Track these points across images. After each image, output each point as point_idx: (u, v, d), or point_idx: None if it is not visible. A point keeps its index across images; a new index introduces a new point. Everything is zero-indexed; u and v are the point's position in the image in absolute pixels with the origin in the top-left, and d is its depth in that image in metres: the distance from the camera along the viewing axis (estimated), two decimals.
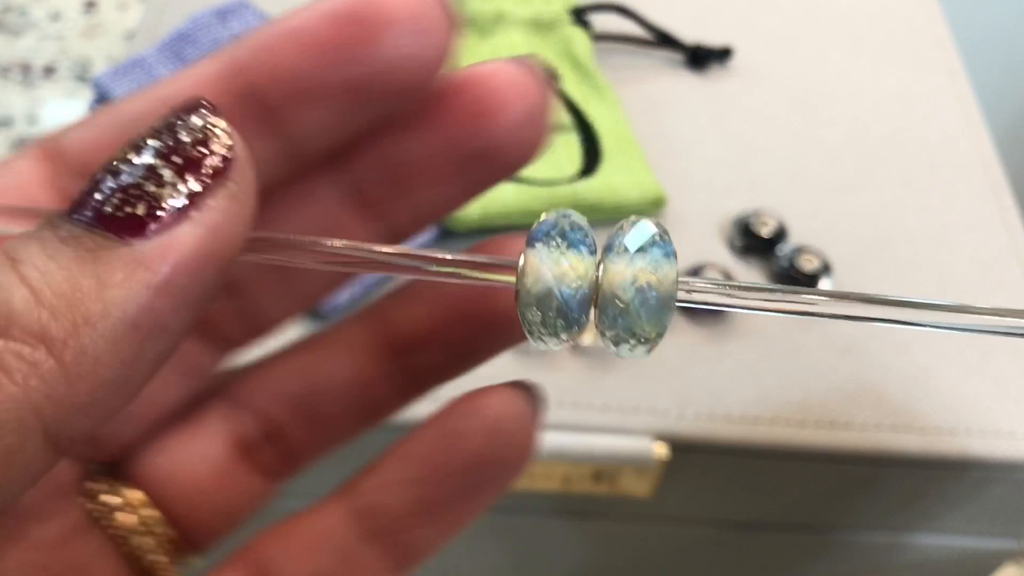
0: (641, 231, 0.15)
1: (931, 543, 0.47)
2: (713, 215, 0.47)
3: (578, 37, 0.52)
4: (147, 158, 0.13)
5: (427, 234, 0.44)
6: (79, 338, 0.12)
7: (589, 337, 0.42)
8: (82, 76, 1.19)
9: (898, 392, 0.42)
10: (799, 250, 0.44)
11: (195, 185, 0.13)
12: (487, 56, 0.51)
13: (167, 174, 0.13)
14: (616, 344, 0.15)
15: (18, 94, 1.17)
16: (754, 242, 0.45)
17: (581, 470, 0.41)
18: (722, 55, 0.54)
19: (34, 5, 1.26)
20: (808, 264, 0.44)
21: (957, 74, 0.56)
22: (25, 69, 1.19)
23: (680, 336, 0.43)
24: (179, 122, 0.13)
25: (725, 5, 0.58)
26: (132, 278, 0.12)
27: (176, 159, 0.13)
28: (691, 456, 0.41)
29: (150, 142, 0.13)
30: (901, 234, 0.47)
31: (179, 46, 0.48)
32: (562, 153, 0.47)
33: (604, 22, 0.54)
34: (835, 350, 0.43)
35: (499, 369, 0.42)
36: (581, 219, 0.15)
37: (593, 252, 0.15)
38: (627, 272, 0.15)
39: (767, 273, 0.45)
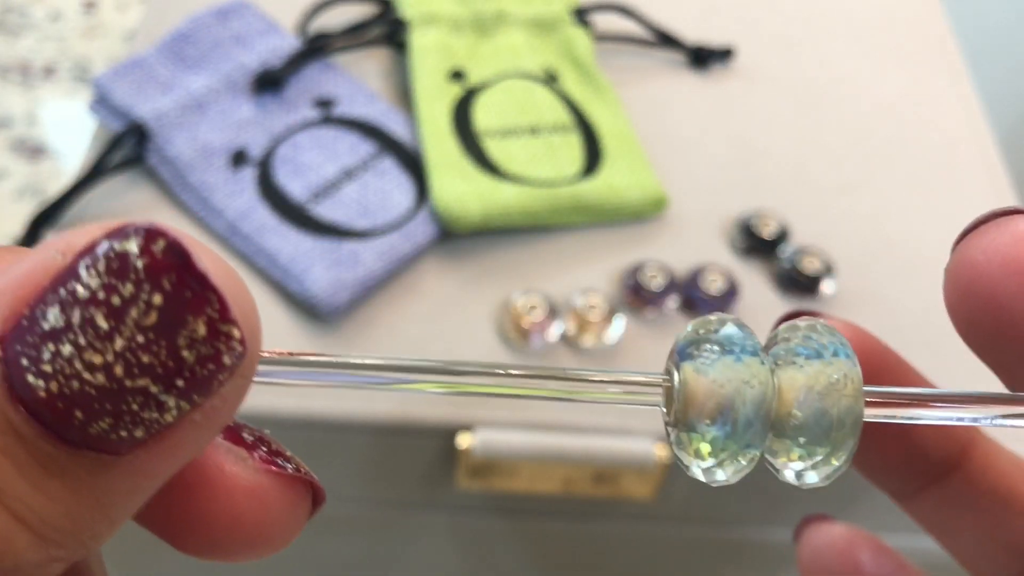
0: (814, 332, 0.13)
1: (934, 544, 0.46)
2: (715, 216, 0.47)
3: (579, 37, 0.52)
4: (142, 381, 0.10)
5: (427, 234, 0.44)
6: (86, 549, 0.11)
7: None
8: (82, 77, 1.19)
9: None
10: (801, 251, 0.44)
11: (201, 396, 0.11)
12: (489, 56, 0.51)
13: (169, 402, 0.11)
14: (795, 469, 0.13)
15: (18, 95, 1.17)
16: (756, 243, 0.45)
17: (582, 472, 0.41)
18: (724, 55, 0.54)
19: (34, 6, 1.26)
20: (810, 265, 0.44)
21: (960, 75, 0.56)
22: (24, 70, 1.19)
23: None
24: (180, 329, 0.11)
25: (727, 5, 0.58)
26: (134, 491, 0.11)
27: (179, 382, 0.11)
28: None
29: (144, 359, 0.10)
30: (904, 235, 0.47)
31: (179, 46, 0.48)
32: (563, 154, 0.47)
33: (605, 22, 0.54)
34: None
35: None
36: (739, 321, 0.13)
37: (763, 359, 0.13)
38: (808, 382, 0.12)
39: (769, 274, 0.45)
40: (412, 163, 0.46)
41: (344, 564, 0.50)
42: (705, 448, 0.12)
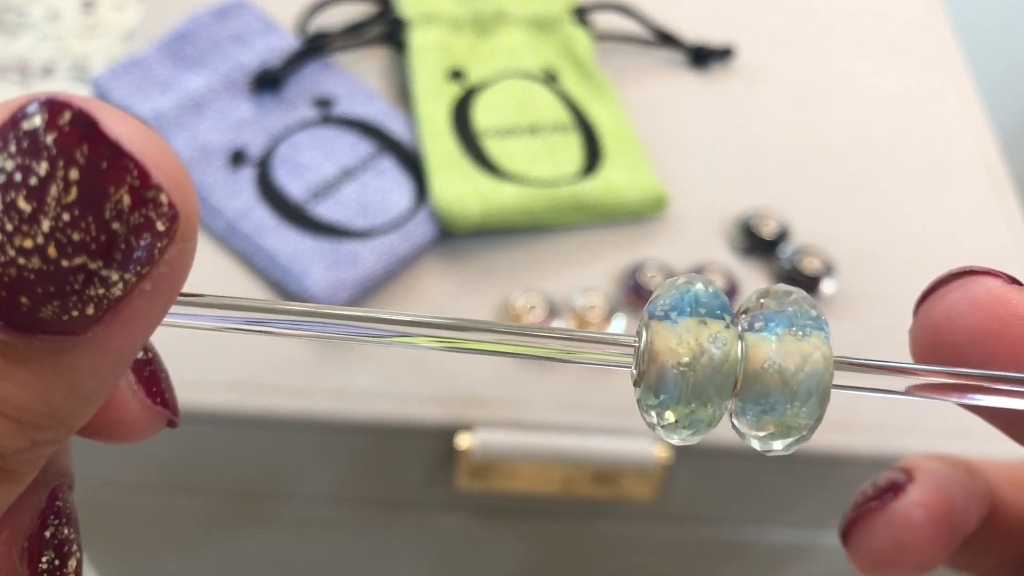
0: (788, 299, 0.13)
1: None
2: (715, 215, 0.47)
3: (579, 37, 0.52)
4: (79, 259, 0.10)
5: (426, 234, 0.43)
6: (69, 428, 0.12)
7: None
8: (80, 76, 1.19)
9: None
10: (801, 251, 0.44)
11: (143, 267, 0.11)
12: (488, 55, 0.51)
13: (112, 276, 0.11)
14: (759, 435, 0.13)
15: (16, 94, 1.17)
16: (756, 243, 0.45)
17: (582, 472, 0.41)
18: (724, 55, 0.54)
19: (32, 5, 1.25)
20: (810, 265, 0.44)
21: (960, 74, 0.56)
22: (23, 69, 1.19)
23: None
24: (104, 202, 0.10)
25: (727, 4, 0.58)
26: (101, 368, 0.11)
27: (117, 255, 0.11)
28: (693, 458, 0.41)
29: (76, 237, 0.10)
30: (904, 234, 0.47)
31: (178, 46, 0.48)
32: (563, 153, 0.47)
33: (605, 21, 0.54)
34: (838, 349, 0.42)
35: (496, 370, 0.42)
36: (712, 283, 0.13)
37: (730, 321, 0.13)
38: (778, 348, 0.12)
39: (769, 274, 0.45)
40: (411, 163, 0.46)
41: (343, 565, 0.50)
42: (664, 408, 0.12)
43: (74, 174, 0.10)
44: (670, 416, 0.13)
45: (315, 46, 0.49)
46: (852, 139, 0.51)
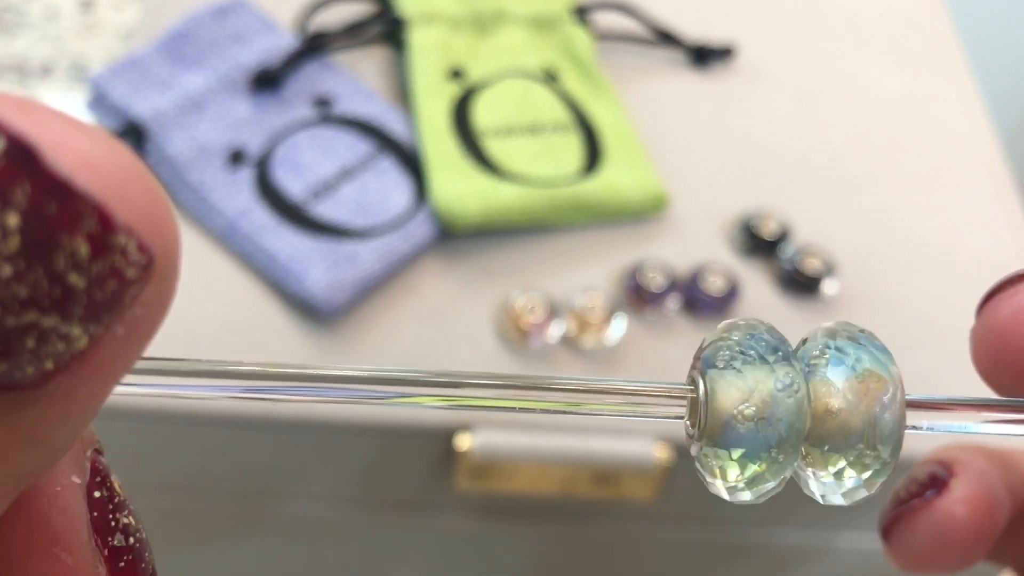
0: (852, 337, 0.12)
1: None
2: (716, 215, 0.47)
3: (579, 36, 0.51)
4: (29, 317, 0.09)
5: (426, 234, 0.43)
6: (32, 479, 0.10)
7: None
8: (79, 76, 1.19)
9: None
10: (802, 251, 0.44)
11: (111, 316, 0.09)
12: (488, 54, 0.50)
13: (73, 331, 0.09)
14: (822, 489, 0.12)
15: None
16: (757, 243, 0.45)
17: (582, 473, 0.41)
18: (724, 54, 0.54)
19: (31, 4, 1.25)
20: (811, 265, 0.44)
21: (962, 74, 0.56)
22: (21, 69, 1.19)
23: (681, 333, 0.42)
24: (54, 253, 0.08)
25: (728, 4, 0.58)
26: (68, 417, 0.10)
27: (76, 310, 0.09)
28: (694, 459, 0.41)
29: (22, 293, 0.08)
30: (905, 234, 0.47)
31: (177, 45, 0.48)
32: (563, 153, 0.47)
33: (606, 20, 0.54)
34: None
35: (496, 370, 0.42)
36: (769, 326, 0.12)
37: (796, 365, 0.12)
38: (848, 391, 0.11)
39: (770, 274, 0.45)
40: (411, 162, 0.46)
41: (343, 566, 0.49)
42: (732, 465, 0.11)
43: (13, 220, 0.08)
44: (741, 473, 0.12)
45: (314, 45, 0.49)
46: (853, 139, 0.51)
